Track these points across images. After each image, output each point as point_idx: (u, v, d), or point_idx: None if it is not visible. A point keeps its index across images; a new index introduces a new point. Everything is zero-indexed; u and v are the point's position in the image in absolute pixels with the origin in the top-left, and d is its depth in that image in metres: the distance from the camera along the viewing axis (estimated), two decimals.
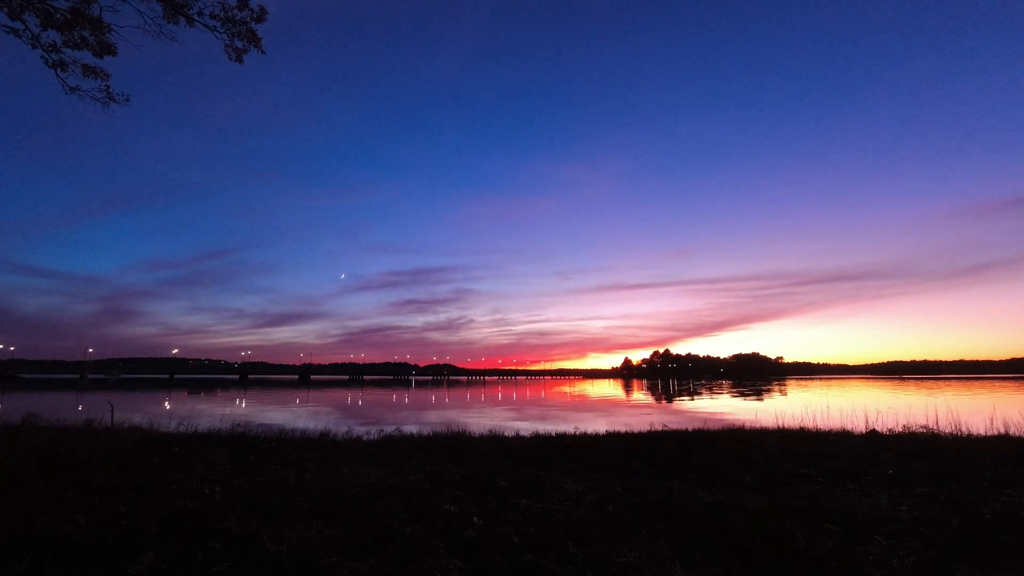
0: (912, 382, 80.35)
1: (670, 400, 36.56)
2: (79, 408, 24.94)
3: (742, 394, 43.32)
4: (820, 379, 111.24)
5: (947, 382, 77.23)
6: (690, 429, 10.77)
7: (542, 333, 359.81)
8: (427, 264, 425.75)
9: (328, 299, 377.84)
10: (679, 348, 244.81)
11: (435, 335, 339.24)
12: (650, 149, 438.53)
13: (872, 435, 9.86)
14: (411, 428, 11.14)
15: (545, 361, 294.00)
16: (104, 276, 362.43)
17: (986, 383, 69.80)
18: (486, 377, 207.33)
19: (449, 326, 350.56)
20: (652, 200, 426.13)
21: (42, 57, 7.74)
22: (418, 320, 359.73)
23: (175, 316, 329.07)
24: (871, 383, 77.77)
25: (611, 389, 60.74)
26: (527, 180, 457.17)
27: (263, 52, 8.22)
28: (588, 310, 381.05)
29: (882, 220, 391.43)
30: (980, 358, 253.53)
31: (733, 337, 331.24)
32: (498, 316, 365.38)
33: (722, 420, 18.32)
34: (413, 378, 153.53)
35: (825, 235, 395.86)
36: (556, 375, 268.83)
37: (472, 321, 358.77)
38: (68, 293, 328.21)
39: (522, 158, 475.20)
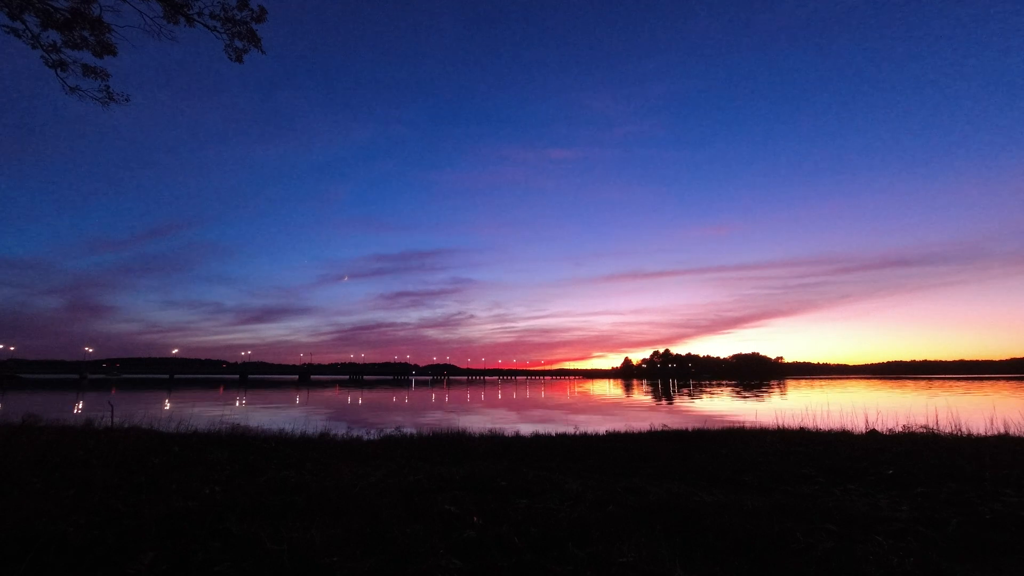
0: (912, 382, 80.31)
1: (670, 400, 36.55)
2: (79, 408, 24.94)
3: (742, 394, 43.31)
4: (820, 379, 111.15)
5: (947, 382, 77.18)
6: (690, 429, 10.78)
7: (545, 331, 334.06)
8: (418, 246, 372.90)
9: (308, 290, 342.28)
10: (688, 347, 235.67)
11: (433, 333, 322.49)
12: (694, 83, 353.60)
13: (872, 435, 9.86)
14: (411, 428, 11.13)
15: (547, 362, 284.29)
16: (45, 261, 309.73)
17: (986, 383, 69.77)
18: (486, 377, 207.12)
19: (447, 323, 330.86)
20: (689, 155, 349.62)
21: (42, 57, 7.73)
22: (413, 316, 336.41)
23: (151, 311, 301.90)
24: (871, 383, 77.71)
25: (611, 389, 60.72)
26: (537, 122, 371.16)
27: (263, 52, 8.22)
28: (597, 304, 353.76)
29: (950, 195, 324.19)
30: (980, 358, 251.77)
31: (742, 335, 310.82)
32: (499, 311, 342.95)
33: (722, 420, 18.33)
34: (413, 378, 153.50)
35: (885, 212, 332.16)
36: (556, 375, 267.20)
37: (472, 317, 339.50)
38: (16, 284, 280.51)
39: (532, 90, 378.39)
